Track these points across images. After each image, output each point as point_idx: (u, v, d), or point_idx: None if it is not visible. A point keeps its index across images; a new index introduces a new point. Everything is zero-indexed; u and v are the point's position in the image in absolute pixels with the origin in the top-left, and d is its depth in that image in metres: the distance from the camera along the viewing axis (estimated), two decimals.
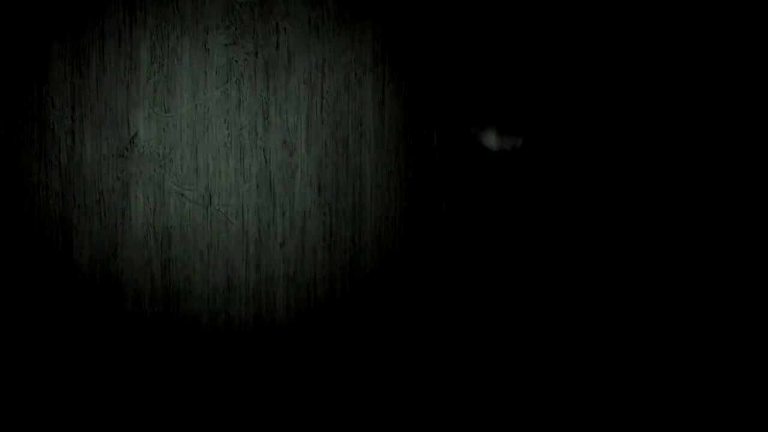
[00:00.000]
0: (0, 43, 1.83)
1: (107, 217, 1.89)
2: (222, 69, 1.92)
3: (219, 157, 1.93)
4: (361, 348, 1.96)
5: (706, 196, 1.88)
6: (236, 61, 1.92)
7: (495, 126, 1.87)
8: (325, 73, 1.95)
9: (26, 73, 1.85)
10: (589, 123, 1.90)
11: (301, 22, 1.93)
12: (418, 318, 1.97)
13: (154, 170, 1.92)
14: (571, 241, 1.92)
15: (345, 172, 1.96)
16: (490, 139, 1.86)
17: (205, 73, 1.92)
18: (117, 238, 1.90)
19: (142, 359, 1.91)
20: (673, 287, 1.85)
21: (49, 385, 1.88)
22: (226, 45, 1.91)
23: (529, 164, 1.94)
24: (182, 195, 1.91)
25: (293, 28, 1.93)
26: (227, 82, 1.92)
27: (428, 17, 1.95)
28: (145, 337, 1.90)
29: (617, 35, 1.88)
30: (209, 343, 1.93)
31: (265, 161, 1.94)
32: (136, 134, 1.90)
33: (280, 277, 1.95)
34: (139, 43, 1.88)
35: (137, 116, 1.90)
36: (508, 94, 1.94)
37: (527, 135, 1.88)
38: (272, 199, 1.94)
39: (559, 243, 1.93)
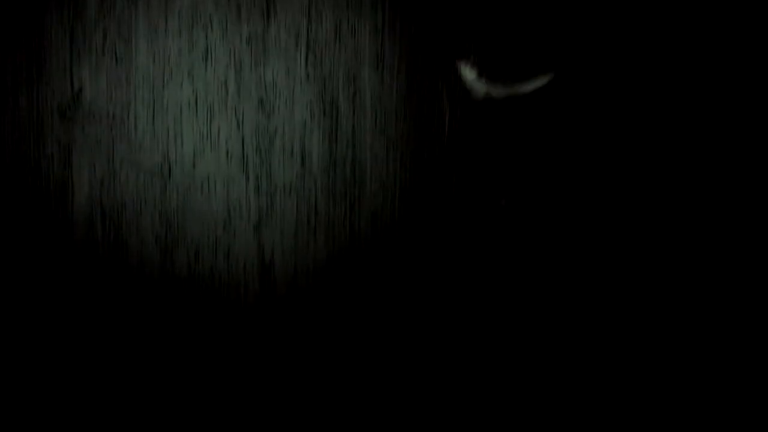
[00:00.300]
0: None
1: (45, 191, 1.60)
2: (186, 12, 1.58)
3: (181, 120, 1.61)
4: (356, 338, 1.67)
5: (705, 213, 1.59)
6: (203, 3, 1.58)
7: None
8: (312, 18, 1.60)
9: None
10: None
11: None
12: (419, 309, 1.67)
13: (102, 134, 1.60)
14: (583, 232, 1.66)
15: (335, 140, 1.63)
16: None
17: (166, 17, 1.58)
18: (58, 215, 1.60)
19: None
20: (672, 287, 1.70)
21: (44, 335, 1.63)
22: None
23: (547, 144, 1.64)
24: (136, 164, 1.60)
25: None
26: (192, 27, 1.59)
27: None
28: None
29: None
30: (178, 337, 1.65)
31: (237, 125, 1.62)
32: (80, 90, 1.59)
33: (253, 267, 1.64)
34: None
35: (82, 68, 1.58)
36: (526, 42, 1.62)
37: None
38: (245, 171, 1.62)
39: (571, 232, 1.65)
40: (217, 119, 1.61)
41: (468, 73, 1.61)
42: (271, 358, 1.66)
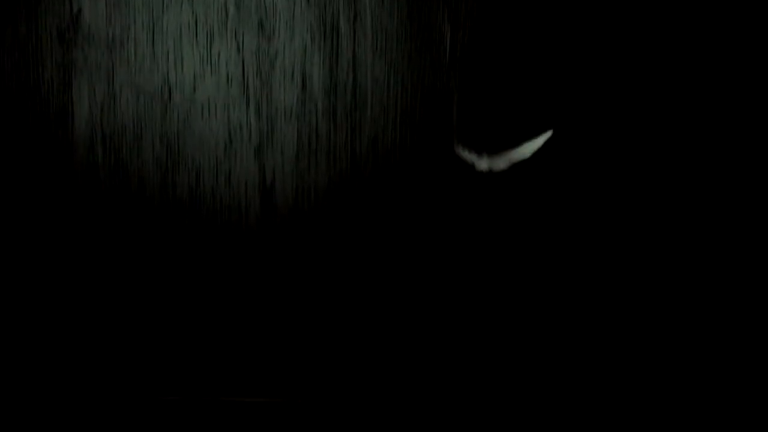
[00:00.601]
0: None
1: (45, 115, 1.59)
2: None
3: (180, 43, 1.60)
4: (356, 258, 1.67)
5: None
6: None
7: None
8: None
9: None
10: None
11: None
12: (419, 231, 1.67)
13: (102, 57, 1.59)
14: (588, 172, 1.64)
15: (335, 63, 1.62)
16: None
17: None
18: (58, 138, 1.60)
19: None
20: (673, 285, 1.70)
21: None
22: None
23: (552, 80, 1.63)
24: (136, 87, 1.60)
25: None
26: None
27: None
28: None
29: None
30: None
31: (237, 48, 1.61)
32: (79, 12, 1.57)
33: (254, 190, 1.64)
34: None
35: None
36: None
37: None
38: (245, 95, 1.62)
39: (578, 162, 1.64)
40: (217, 42, 1.60)
41: (468, 156, 1.62)
42: (272, 278, 1.66)
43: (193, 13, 1.59)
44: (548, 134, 1.62)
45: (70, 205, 1.62)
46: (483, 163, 1.61)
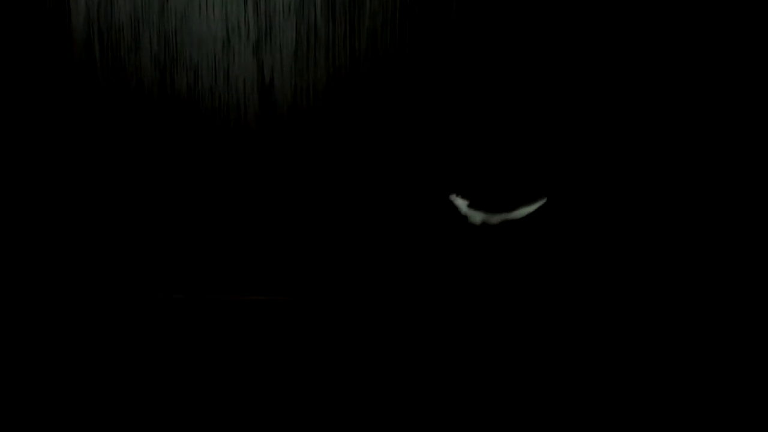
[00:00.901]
0: None
1: (41, 14, 1.58)
2: None
3: None
4: (354, 156, 1.67)
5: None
6: None
7: None
8: None
9: None
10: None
11: None
12: (418, 124, 1.65)
13: None
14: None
15: None
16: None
17: None
18: (55, 37, 1.59)
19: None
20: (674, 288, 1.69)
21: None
22: None
23: None
24: None
25: None
26: None
27: None
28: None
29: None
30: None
31: None
32: None
33: (253, 87, 1.63)
34: None
35: None
36: None
37: None
38: None
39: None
40: None
41: (460, 204, 1.61)
42: (272, 176, 1.66)
43: None
44: (543, 201, 1.62)
45: (69, 103, 1.61)
46: (477, 217, 1.63)
